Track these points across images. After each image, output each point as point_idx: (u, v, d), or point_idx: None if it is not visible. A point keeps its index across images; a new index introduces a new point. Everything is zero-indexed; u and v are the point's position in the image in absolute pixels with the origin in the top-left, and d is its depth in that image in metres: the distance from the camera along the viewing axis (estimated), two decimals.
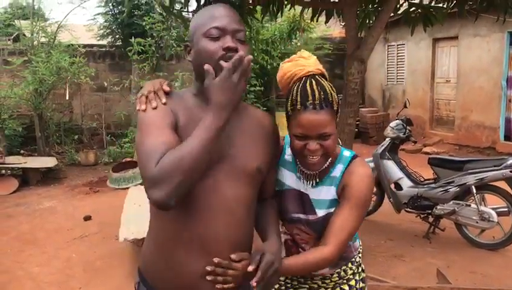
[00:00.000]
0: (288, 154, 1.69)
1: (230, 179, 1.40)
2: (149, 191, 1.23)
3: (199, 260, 1.38)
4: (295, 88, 1.52)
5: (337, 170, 1.61)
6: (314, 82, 1.52)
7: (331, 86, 1.54)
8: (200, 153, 1.23)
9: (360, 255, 1.86)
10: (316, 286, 1.80)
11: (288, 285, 1.84)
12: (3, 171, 7.12)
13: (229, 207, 1.39)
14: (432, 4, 4.67)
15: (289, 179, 1.68)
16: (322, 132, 1.48)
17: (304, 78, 1.55)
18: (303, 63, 1.58)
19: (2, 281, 4.03)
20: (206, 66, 1.29)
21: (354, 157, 1.63)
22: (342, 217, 1.55)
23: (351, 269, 1.80)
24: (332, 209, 1.60)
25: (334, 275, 1.78)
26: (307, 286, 1.81)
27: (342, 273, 1.78)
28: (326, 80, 1.58)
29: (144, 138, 1.30)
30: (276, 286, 1.83)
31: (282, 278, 1.83)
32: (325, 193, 1.62)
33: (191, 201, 1.36)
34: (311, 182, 1.64)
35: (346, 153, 1.64)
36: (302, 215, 1.66)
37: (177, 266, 1.40)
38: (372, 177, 1.63)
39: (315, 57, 1.65)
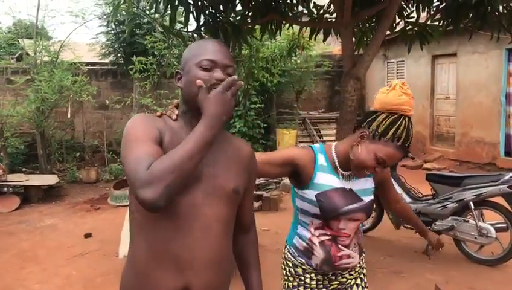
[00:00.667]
0: (322, 160, 1.92)
1: (208, 197, 1.43)
2: (140, 191, 1.24)
3: (174, 278, 1.39)
4: (402, 123, 1.79)
5: None
6: (403, 122, 1.80)
7: (409, 129, 1.81)
8: (189, 159, 1.27)
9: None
10: (344, 279, 2.03)
11: (320, 284, 2.00)
12: (5, 189, 7.16)
13: (206, 224, 1.42)
14: (428, 22, 4.75)
15: (330, 180, 1.91)
16: (389, 164, 1.82)
17: (405, 117, 1.83)
18: (403, 101, 1.84)
19: None
20: (199, 82, 1.38)
21: None
22: (388, 190, 2.20)
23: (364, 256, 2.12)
24: (372, 196, 1.97)
25: (357, 266, 2.04)
26: (337, 282, 2.02)
27: (361, 262, 2.06)
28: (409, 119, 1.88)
29: (133, 148, 1.33)
30: (308, 287, 1.99)
31: (313, 281, 1.99)
32: (365, 183, 1.95)
33: (168, 217, 1.38)
34: (351, 179, 1.93)
35: None
36: (354, 205, 1.90)
37: (152, 284, 1.40)
38: None
39: (411, 99, 1.89)
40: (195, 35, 4.55)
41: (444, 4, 4.50)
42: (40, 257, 5.05)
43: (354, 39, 4.73)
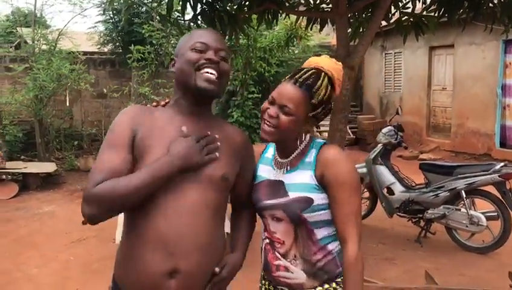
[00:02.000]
0: (269, 153, 1.76)
1: (195, 184, 1.48)
2: (82, 202, 1.42)
3: (163, 261, 1.42)
4: (309, 71, 1.60)
5: (311, 155, 1.61)
6: (311, 70, 1.59)
7: (328, 86, 1.58)
8: (135, 191, 1.39)
9: None
10: None
11: None
12: (4, 176, 7.21)
13: (193, 210, 1.46)
14: (424, 13, 4.78)
15: (263, 171, 1.72)
16: (284, 104, 1.53)
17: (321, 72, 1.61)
18: (323, 60, 1.65)
19: (1, 283, 4.11)
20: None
21: (324, 144, 1.65)
22: (341, 210, 1.54)
23: None
24: (309, 194, 1.55)
25: None
26: None
27: None
28: (330, 81, 1.60)
29: (102, 152, 1.48)
30: None
31: None
32: (300, 177, 1.60)
33: (157, 203, 1.44)
34: (284, 169, 1.65)
35: (319, 140, 1.67)
36: (273, 201, 1.62)
37: (141, 267, 1.43)
38: (347, 157, 1.60)
39: (336, 64, 1.67)
40: (192, 24, 4.58)
41: None
42: (38, 243, 5.12)
43: (350, 29, 4.77)
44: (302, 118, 1.57)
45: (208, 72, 1.51)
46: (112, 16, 10.07)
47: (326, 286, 1.61)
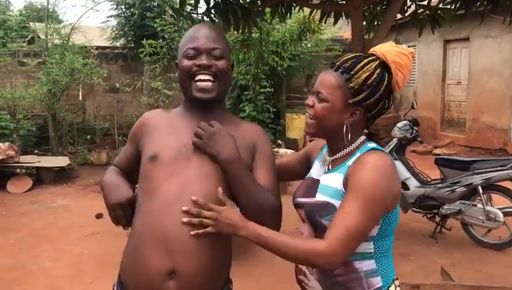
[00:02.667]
0: (325, 149, 1.60)
1: (200, 176, 1.46)
2: None
3: (163, 259, 1.40)
4: (357, 57, 1.46)
5: (353, 159, 1.43)
6: (357, 54, 1.47)
7: (372, 69, 1.40)
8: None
9: None
10: None
11: None
12: (18, 170, 7.28)
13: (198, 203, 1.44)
14: (440, 6, 4.70)
15: (314, 168, 1.61)
16: (318, 90, 1.44)
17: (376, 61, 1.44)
18: (381, 45, 1.49)
19: (18, 276, 4.15)
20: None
21: (374, 149, 1.43)
22: (340, 209, 1.34)
23: None
24: (333, 200, 1.40)
25: None
26: None
27: None
28: (388, 71, 1.43)
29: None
30: None
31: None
32: (333, 179, 1.45)
33: (162, 197, 1.44)
34: (325, 168, 1.53)
35: (370, 145, 1.46)
36: (303, 200, 1.51)
37: (143, 264, 1.42)
38: (383, 169, 1.35)
39: (405, 51, 1.46)
40: (205, 17, 4.56)
41: None
42: (52, 236, 5.15)
43: (364, 22, 4.71)
44: (340, 105, 1.41)
45: (201, 80, 1.52)
46: (124, 10, 10.08)
47: None
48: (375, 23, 4.87)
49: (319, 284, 1.49)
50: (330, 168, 1.50)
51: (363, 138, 1.48)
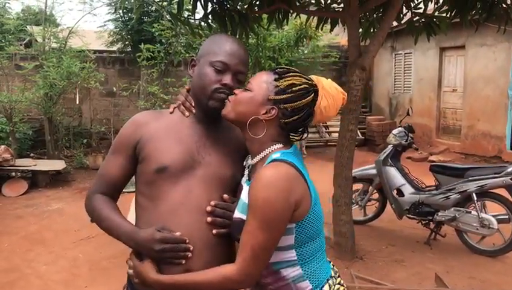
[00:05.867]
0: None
1: (206, 183, 1.50)
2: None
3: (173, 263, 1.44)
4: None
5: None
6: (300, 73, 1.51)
7: (301, 85, 1.44)
8: (103, 228, 1.58)
9: None
10: None
11: None
12: (14, 174, 7.26)
13: (203, 209, 1.48)
14: (435, 14, 4.74)
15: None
16: (249, 81, 1.50)
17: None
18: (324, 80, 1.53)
19: (11, 279, 4.14)
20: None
21: (275, 160, 1.41)
22: (244, 230, 1.38)
23: None
24: (242, 215, 1.43)
25: None
26: None
27: None
28: (313, 92, 1.46)
29: (106, 159, 1.65)
30: None
31: None
32: (245, 192, 1.46)
33: (167, 201, 1.47)
34: (246, 177, 1.55)
35: (275, 156, 1.43)
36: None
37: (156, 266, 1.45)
38: (275, 185, 1.33)
39: (340, 92, 1.52)
40: (203, 23, 4.58)
41: None
42: (47, 240, 5.14)
43: (360, 29, 4.74)
44: (260, 96, 1.44)
45: (221, 94, 1.51)
46: (122, 14, 10.09)
47: None
48: (371, 30, 4.90)
49: None
50: (251, 176, 1.51)
51: (277, 146, 1.46)
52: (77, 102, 9.48)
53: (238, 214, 1.46)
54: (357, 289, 3.47)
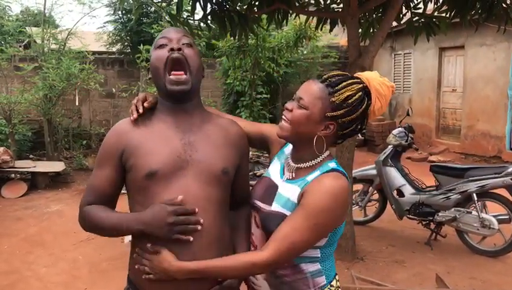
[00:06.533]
0: (288, 149, 1.64)
1: (199, 181, 1.49)
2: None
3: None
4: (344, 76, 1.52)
5: (313, 175, 1.49)
6: (346, 74, 1.52)
7: (355, 91, 1.45)
8: (100, 230, 1.54)
9: None
10: None
11: None
12: (13, 175, 7.24)
13: (201, 206, 1.47)
14: (435, 14, 4.73)
15: (273, 166, 1.65)
16: (300, 96, 1.46)
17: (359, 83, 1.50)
18: (368, 73, 1.56)
19: (11, 281, 4.13)
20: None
21: (334, 170, 1.48)
22: (288, 223, 1.40)
23: None
24: (286, 211, 1.47)
25: None
26: None
27: None
28: (364, 91, 1.48)
29: (94, 170, 1.61)
30: None
31: None
32: (291, 191, 1.50)
33: (162, 201, 1.46)
34: (288, 175, 1.55)
35: (331, 165, 1.50)
36: (261, 205, 1.57)
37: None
38: (338, 195, 1.41)
39: (388, 83, 1.57)
40: (202, 24, 4.57)
41: None
42: (47, 242, 5.13)
43: (360, 30, 4.74)
44: (317, 115, 1.44)
45: (174, 74, 1.50)
46: (121, 15, 10.10)
47: None
48: (371, 30, 4.90)
49: (267, 284, 1.56)
50: (293, 177, 1.54)
51: (327, 153, 1.53)
52: (77, 103, 9.47)
53: (278, 208, 1.50)
54: None
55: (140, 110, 1.57)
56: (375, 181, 5.14)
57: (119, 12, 9.97)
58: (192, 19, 4.58)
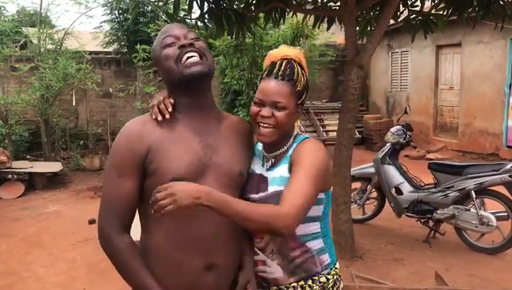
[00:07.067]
0: (260, 146, 1.72)
1: (217, 185, 1.46)
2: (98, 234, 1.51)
3: (196, 259, 1.47)
4: (279, 61, 1.62)
5: (292, 149, 1.61)
6: (285, 61, 1.60)
7: (302, 71, 1.62)
8: (121, 274, 1.50)
9: (330, 276, 1.63)
10: None
11: None
12: (10, 176, 7.23)
13: None
14: (432, 12, 4.73)
15: (255, 163, 1.69)
16: (276, 100, 1.54)
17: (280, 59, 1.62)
18: (284, 50, 1.66)
19: (9, 282, 4.11)
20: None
21: (307, 138, 1.64)
22: (293, 182, 1.45)
23: (311, 288, 1.60)
24: (282, 187, 1.51)
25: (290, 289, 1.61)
26: None
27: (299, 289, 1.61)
28: (302, 68, 1.64)
29: (107, 181, 1.50)
30: None
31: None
32: (280, 170, 1.59)
33: (183, 211, 1.42)
34: (268, 164, 1.64)
35: (303, 136, 1.66)
36: (257, 196, 1.60)
37: (176, 267, 1.48)
38: (321, 149, 1.57)
39: (300, 51, 1.72)
40: (199, 22, 4.56)
41: None
42: (45, 242, 5.11)
43: (357, 28, 4.73)
44: (294, 108, 1.59)
45: (188, 58, 1.49)
46: (117, 15, 10.07)
47: (301, 282, 1.60)
48: (368, 28, 4.89)
49: (280, 268, 1.61)
50: (273, 163, 1.63)
51: (295, 132, 1.66)
52: (74, 103, 9.45)
53: (275, 187, 1.56)
54: (357, 288, 3.46)
55: (170, 109, 1.53)
56: (373, 179, 5.14)
57: (116, 11, 9.94)
58: (189, 17, 4.57)
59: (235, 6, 4.42)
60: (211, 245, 1.48)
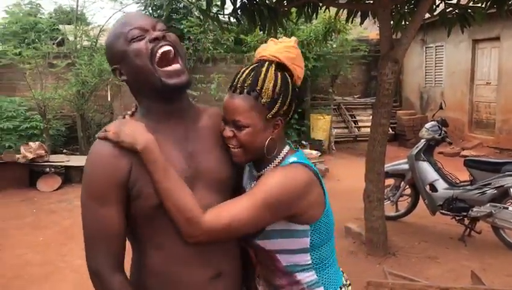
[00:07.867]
0: (251, 165, 1.55)
1: (210, 191, 1.39)
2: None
3: (204, 269, 1.38)
4: (251, 68, 1.38)
5: None
6: (250, 67, 1.37)
7: (273, 75, 1.34)
8: None
9: None
10: None
11: None
12: (48, 169, 7.43)
13: None
14: (470, 4, 4.61)
15: (245, 179, 1.54)
16: (234, 119, 1.33)
17: (265, 63, 1.37)
18: (264, 47, 1.42)
19: (47, 272, 4.24)
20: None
21: (294, 163, 1.39)
22: (236, 200, 1.33)
23: None
24: None
25: None
26: None
27: None
28: (284, 70, 1.37)
29: (87, 220, 1.37)
30: None
31: None
32: None
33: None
34: (254, 183, 1.45)
35: (292, 159, 1.40)
36: None
37: (184, 280, 1.37)
38: (291, 179, 1.33)
39: (290, 42, 1.41)
40: (232, 18, 4.57)
41: None
42: (80, 235, 5.16)
43: (391, 22, 4.65)
44: (261, 124, 1.34)
45: (165, 53, 1.30)
46: (151, 12, 10.20)
47: None
48: (403, 22, 4.80)
49: None
50: (255, 182, 1.46)
51: (286, 149, 1.44)
52: (108, 99, 9.64)
53: None
54: (390, 285, 3.42)
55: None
56: (407, 176, 5.06)
57: (150, 8, 10.07)
58: (222, 13, 4.59)
59: (267, 1, 4.42)
60: (213, 256, 1.38)
